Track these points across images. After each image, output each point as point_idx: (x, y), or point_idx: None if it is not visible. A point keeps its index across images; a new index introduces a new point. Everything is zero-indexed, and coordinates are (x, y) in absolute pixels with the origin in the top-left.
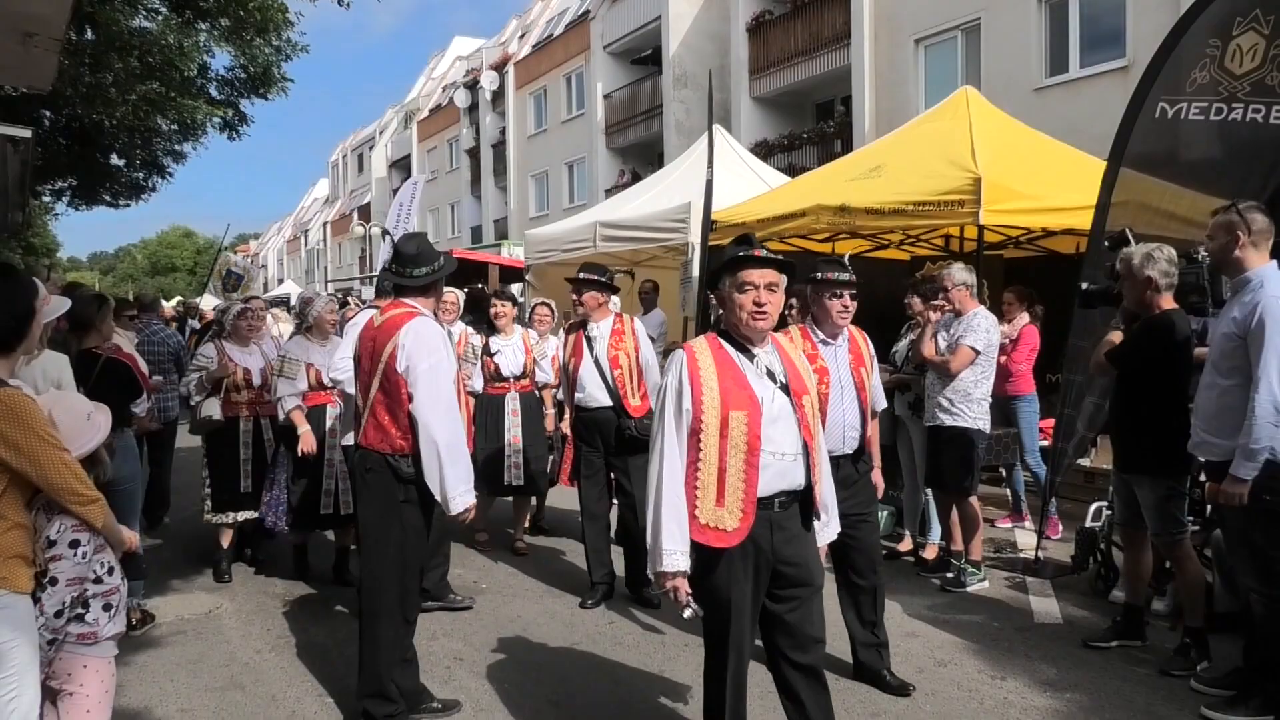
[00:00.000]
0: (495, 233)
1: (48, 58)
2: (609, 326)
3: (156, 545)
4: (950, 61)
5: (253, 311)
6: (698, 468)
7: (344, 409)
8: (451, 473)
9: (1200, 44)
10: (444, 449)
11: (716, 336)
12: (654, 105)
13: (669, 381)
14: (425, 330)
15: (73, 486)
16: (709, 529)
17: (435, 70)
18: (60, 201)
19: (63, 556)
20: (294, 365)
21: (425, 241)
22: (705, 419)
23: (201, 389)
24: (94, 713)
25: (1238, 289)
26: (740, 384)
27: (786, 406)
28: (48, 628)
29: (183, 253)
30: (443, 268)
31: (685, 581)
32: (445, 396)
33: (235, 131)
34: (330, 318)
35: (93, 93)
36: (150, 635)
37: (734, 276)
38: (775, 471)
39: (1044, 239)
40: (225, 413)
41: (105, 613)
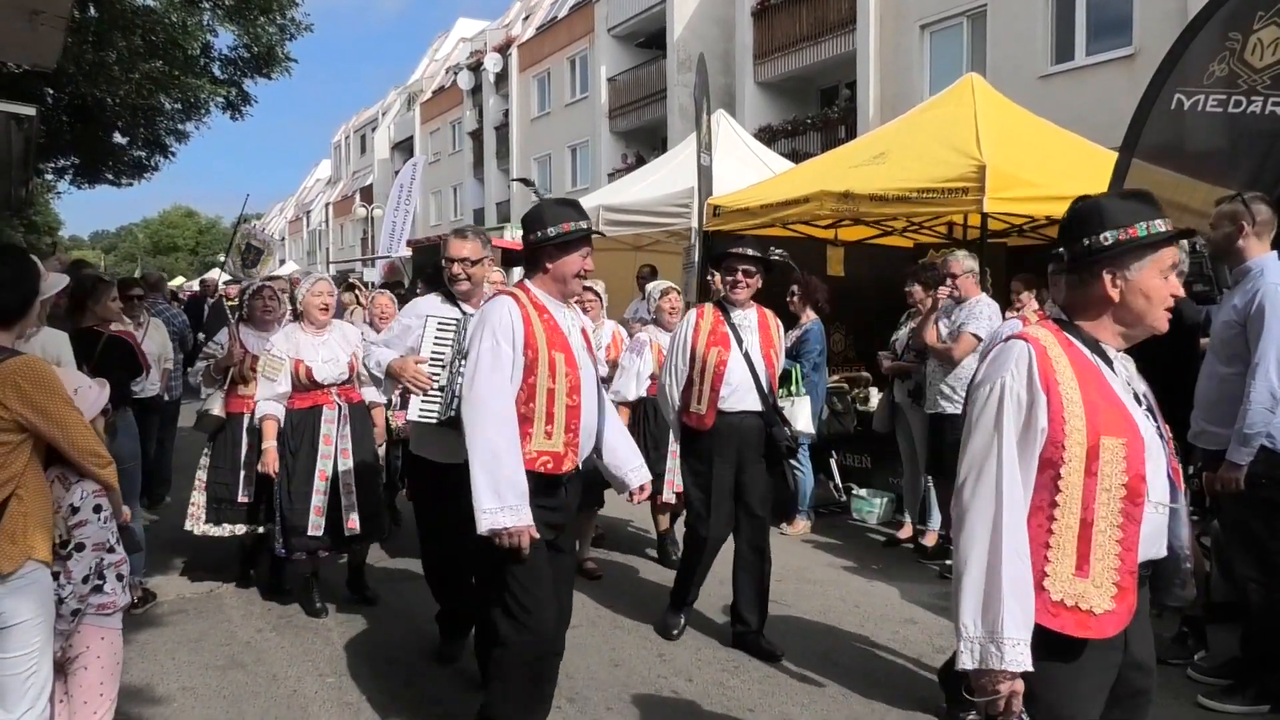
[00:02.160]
0: (498, 215)
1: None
2: (755, 317)
3: (158, 524)
4: (955, 48)
5: (270, 290)
6: (1052, 516)
7: (346, 410)
8: (482, 479)
9: (1219, 37)
10: (474, 449)
11: (1059, 328)
12: (658, 89)
13: (1002, 384)
14: (490, 309)
15: (95, 448)
16: (1067, 609)
17: (438, 52)
18: (62, 180)
19: (88, 521)
20: (276, 363)
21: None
22: (1068, 445)
23: (211, 380)
24: (106, 684)
25: (1238, 278)
26: (1110, 400)
27: (1157, 437)
28: (75, 595)
29: (185, 232)
30: (548, 239)
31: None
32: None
33: (238, 111)
34: (317, 301)
35: (96, 71)
36: (151, 614)
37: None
38: (1153, 528)
39: (1047, 227)
40: (229, 408)
41: (119, 583)
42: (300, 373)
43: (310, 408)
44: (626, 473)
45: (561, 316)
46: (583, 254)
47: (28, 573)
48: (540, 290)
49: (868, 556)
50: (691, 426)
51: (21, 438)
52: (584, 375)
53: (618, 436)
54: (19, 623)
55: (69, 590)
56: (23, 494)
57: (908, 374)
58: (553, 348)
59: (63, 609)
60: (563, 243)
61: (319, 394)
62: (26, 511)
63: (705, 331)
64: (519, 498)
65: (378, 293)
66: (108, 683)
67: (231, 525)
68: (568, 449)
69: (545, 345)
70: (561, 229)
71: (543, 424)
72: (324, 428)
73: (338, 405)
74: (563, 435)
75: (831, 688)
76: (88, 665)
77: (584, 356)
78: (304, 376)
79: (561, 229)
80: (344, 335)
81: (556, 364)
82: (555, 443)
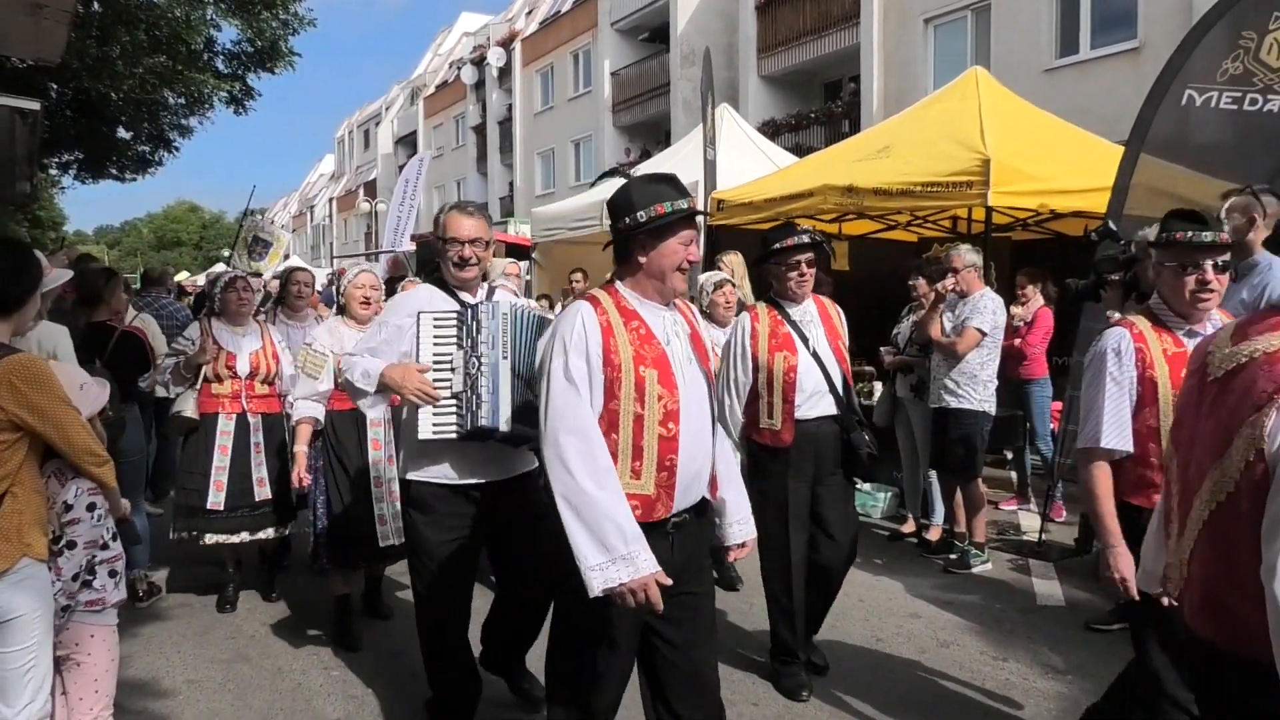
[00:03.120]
0: (501, 210)
1: (57, 30)
2: (816, 310)
3: (163, 517)
4: (960, 41)
5: (245, 282)
6: None
7: (391, 413)
8: (579, 531)
9: (1232, 35)
10: (561, 495)
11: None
12: (661, 83)
13: None
14: (562, 319)
15: (91, 447)
16: None
17: (442, 46)
18: (66, 175)
19: (81, 520)
20: (319, 359)
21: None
22: None
23: (180, 379)
24: (101, 681)
25: (1245, 272)
26: None
27: None
28: (64, 592)
29: (188, 227)
30: (638, 225)
31: None
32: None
33: (242, 106)
34: (358, 294)
35: (99, 65)
36: (156, 607)
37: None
38: None
39: (1052, 221)
40: (201, 408)
41: (111, 579)
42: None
43: (353, 410)
44: (730, 524)
45: (658, 323)
46: (683, 240)
47: (23, 568)
48: (631, 292)
49: (871, 551)
50: (766, 445)
51: (17, 436)
52: (687, 398)
53: (727, 475)
54: (16, 617)
55: (58, 587)
56: (18, 491)
57: (910, 368)
58: (641, 363)
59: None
60: (656, 229)
61: None
62: (21, 509)
63: (765, 335)
64: (630, 541)
65: (408, 280)
66: (102, 679)
67: (203, 535)
68: (661, 491)
69: (631, 361)
70: (654, 211)
71: (628, 460)
72: (370, 431)
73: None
74: (654, 474)
75: (836, 682)
76: (80, 661)
77: (689, 373)
78: None
79: (654, 211)
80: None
81: (646, 384)
82: (644, 484)
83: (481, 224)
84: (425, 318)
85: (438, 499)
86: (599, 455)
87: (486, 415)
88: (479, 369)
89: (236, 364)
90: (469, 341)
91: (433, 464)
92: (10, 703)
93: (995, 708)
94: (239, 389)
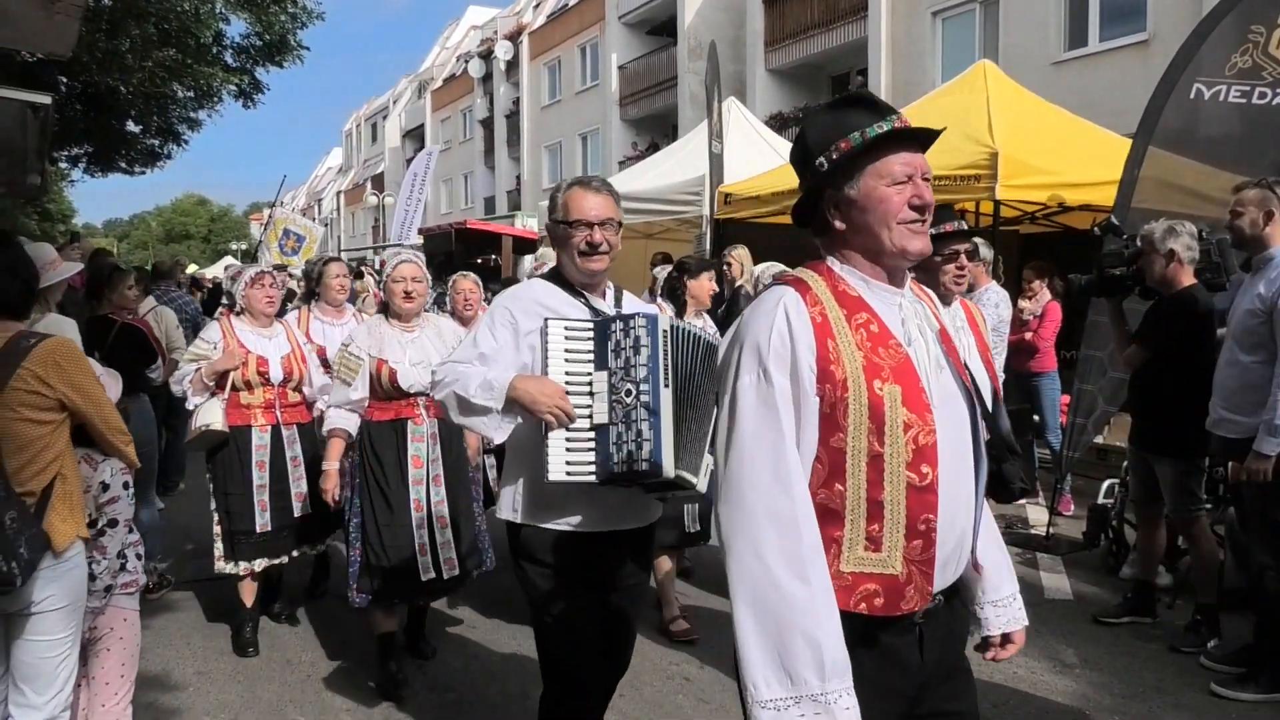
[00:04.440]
0: (508, 204)
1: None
2: (962, 314)
3: (172, 511)
4: (968, 34)
5: (272, 278)
6: None
7: (436, 427)
8: (754, 638)
9: (1241, 29)
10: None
11: None
12: (669, 77)
13: None
14: (753, 311)
15: (122, 426)
16: None
17: (449, 40)
18: (76, 168)
19: (119, 498)
20: (354, 362)
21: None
22: None
23: (202, 387)
24: (127, 665)
25: (1259, 266)
26: None
27: None
28: (109, 571)
29: (197, 220)
30: (830, 164)
31: None
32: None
33: (250, 99)
34: (398, 288)
35: (109, 59)
36: (167, 599)
37: None
38: None
39: (1060, 214)
40: (231, 420)
41: (138, 561)
42: (382, 376)
43: (392, 421)
44: (985, 604)
45: (892, 314)
46: (897, 175)
47: (74, 554)
48: (846, 269)
49: None
50: None
51: (62, 416)
52: (944, 426)
53: (987, 537)
54: (57, 608)
55: (103, 566)
56: (66, 473)
57: None
58: (876, 376)
59: (95, 585)
60: (854, 166)
61: (403, 404)
62: (70, 491)
63: None
64: (830, 674)
65: (460, 275)
66: (128, 664)
67: (249, 562)
68: (913, 569)
69: (861, 374)
70: (840, 148)
71: (860, 523)
72: (411, 447)
73: (426, 420)
74: (902, 544)
75: None
76: (110, 646)
77: (944, 388)
78: (386, 381)
79: (840, 148)
80: (439, 332)
81: (887, 407)
82: (888, 558)
83: (611, 202)
84: (555, 326)
85: (558, 549)
86: (804, 527)
87: (648, 456)
88: (635, 398)
89: (269, 369)
90: (619, 362)
91: (557, 510)
92: (40, 691)
93: (1003, 701)
94: (271, 398)
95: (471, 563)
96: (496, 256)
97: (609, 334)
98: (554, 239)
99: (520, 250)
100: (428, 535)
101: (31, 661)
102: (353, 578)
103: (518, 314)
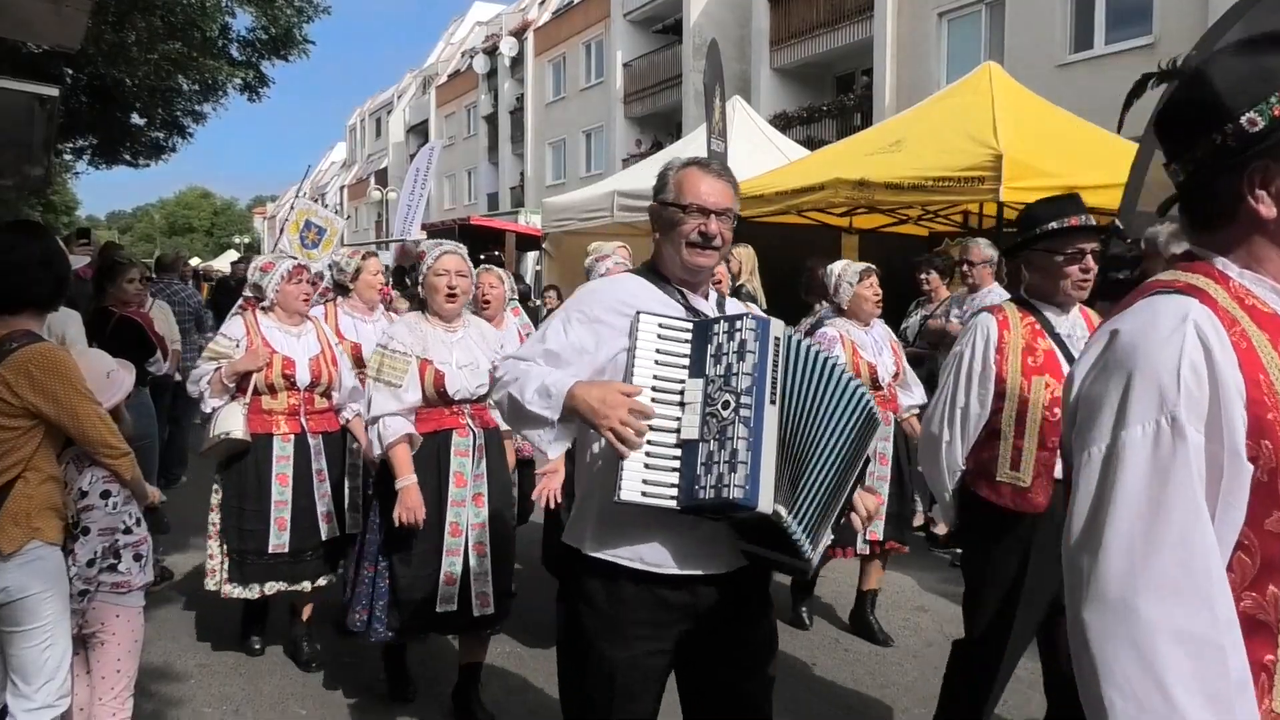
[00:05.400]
0: (512, 200)
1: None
2: (1082, 322)
3: (173, 503)
4: (973, 36)
5: (309, 272)
6: None
7: (483, 439)
8: None
9: None
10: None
11: None
12: (673, 75)
13: None
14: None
15: (107, 440)
16: None
17: (454, 35)
18: (81, 160)
19: (95, 507)
20: (401, 362)
21: None
22: None
23: (221, 390)
24: (124, 661)
25: None
26: None
27: None
28: (80, 577)
29: (200, 213)
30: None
31: None
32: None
33: (255, 93)
34: (440, 282)
35: (115, 51)
36: (168, 592)
37: None
38: None
39: None
40: (251, 427)
41: (136, 563)
42: (426, 380)
43: (433, 434)
44: None
45: None
46: None
47: (31, 550)
48: (1253, 277)
49: None
50: (1001, 506)
51: (32, 423)
52: None
53: None
54: (28, 595)
55: (74, 572)
56: (30, 477)
57: (920, 361)
58: None
59: (70, 589)
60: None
61: (446, 413)
62: (31, 494)
63: (1017, 350)
64: None
65: (484, 269)
66: (125, 659)
67: (260, 584)
68: None
69: None
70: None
71: None
72: (454, 462)
73: (471, 431)
74: None
75: (843, 673)
76: (104, 641)
77: None
78: (431, 385)
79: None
80: (482, 333)
81: None
82: None
83: (731, 191)
84: (648, 322)
85: (624, 592)
86: (1231, 652)
87: (741, 484)
88: (734, 411)
89: (295, 372)
90: (719, 369)
91: (628, 539)
92: (29, 681)
93: (1004, 700)
94: (296, 403)
95: (508, 603)
96: (500, 253)
97: (710, 336)
98: (657, 223)
99: (523, 247)
100: (460, 563)
101: (16, 653)
102: (381, 609)
103: (601, 310)
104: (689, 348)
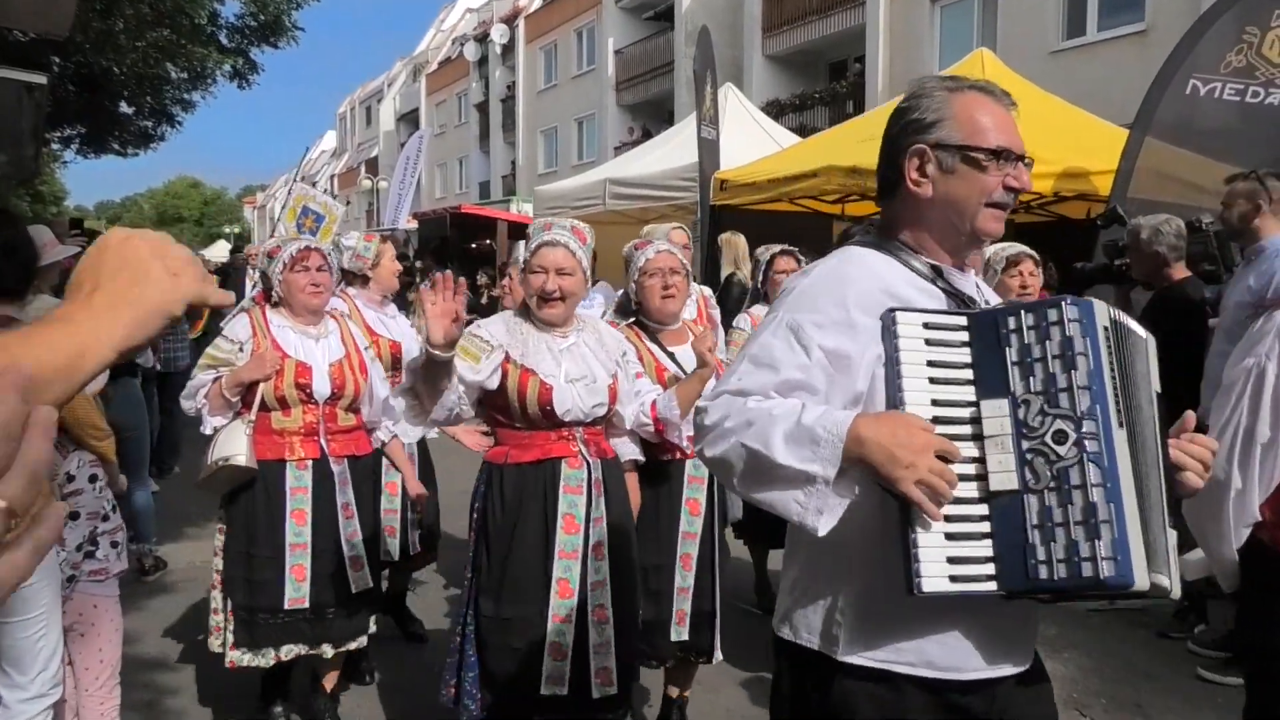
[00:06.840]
0: (503, 189)
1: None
2: None
3: (167, 494)
4: (966, 22)
5: (319, 256)
6: None
7: (600, 471)
8: None
9: (1236, 29)
10: None
11: None
12: (665, 62)
13: None
14: None
15: (95, 421)
16: None
17: (445, 22)
18: (68, 149)
19: (83, 490)
20: (484, 346)
21: None
22: None
23: (222, 405)
24: (106, 650)
25: (1252, 258)
26: None
27: None
28: (68, 563)
29: (189, 203)
30: None
31: None
32: None
33: (245, 80)
34: (537, 282)
35: (102, 39)
36: (163, 581)
37: None
38: None
39: (1056, 204)
40: (262, 452)
41: (113, 549)
42: (528, 395)
43: (537, 463)
44: None
45: None
46: None
47: None
48: None
49: None
50: None
51: None
52: None
53: None
54: (24, 584)
55: (63, 557)
56: None
57: None
58: None
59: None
60: None
61: (553, 439)
62: None
63: None
64: None
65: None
66: (107, 648)
67: (275, 649)
68: None
69: None
70: None
71: None
72: (564, 501)
73: (585, 462)
74: None
75: None
76: (84, 632)
77: None
78: (535, 402)
79: None
80: (600, 339)
81: None
82: None
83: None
84: (908, 320)
85: (907, 704)
86: None
87: (1109, 554)
88: (1077, 447)
89: (312, 381)
90: (1034, 383)
91: (906, 633)
92: (24, 671)
93: None
94: (314, 421)
95: (627, 683)
96: (492, 241)
97: (1004, 335)
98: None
99: (515, 236)
100: (573, 633)
101: (11, 643)
102: (471, 683)
103: (852, 305)
104: (968, 353)
